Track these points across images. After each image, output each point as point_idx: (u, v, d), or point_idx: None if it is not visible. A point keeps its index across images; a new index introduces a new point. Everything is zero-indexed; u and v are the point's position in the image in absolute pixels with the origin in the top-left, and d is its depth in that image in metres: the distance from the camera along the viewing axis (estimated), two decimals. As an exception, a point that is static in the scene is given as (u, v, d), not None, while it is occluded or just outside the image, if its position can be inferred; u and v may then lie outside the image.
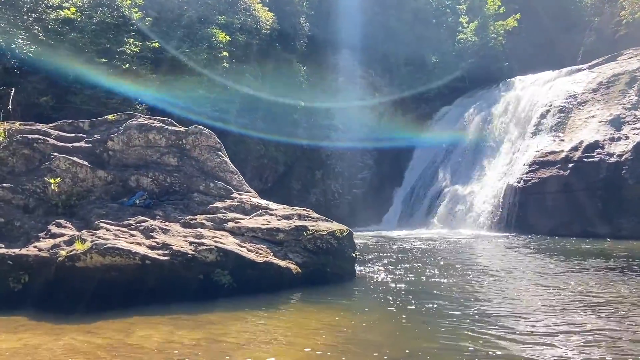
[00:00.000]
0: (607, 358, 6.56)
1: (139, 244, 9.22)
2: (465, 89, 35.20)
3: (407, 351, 6.67)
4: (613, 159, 22.37)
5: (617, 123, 24.04)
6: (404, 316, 8.67)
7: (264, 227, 11.71)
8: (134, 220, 10.46)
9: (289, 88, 29.08)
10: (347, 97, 34.04)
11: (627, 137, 23.01)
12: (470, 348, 6.81)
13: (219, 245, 9.86)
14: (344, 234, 12.33)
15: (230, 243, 10.30)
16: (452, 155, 31.01)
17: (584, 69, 29.42)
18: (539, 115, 27.34)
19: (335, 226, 12.59)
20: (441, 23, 38.30)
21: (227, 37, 24.61)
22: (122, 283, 8.62)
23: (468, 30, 37.72)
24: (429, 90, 35.19)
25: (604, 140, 23.31)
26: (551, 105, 27.30)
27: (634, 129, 23.27)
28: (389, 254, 16.37)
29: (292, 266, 11.14)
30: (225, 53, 24.23)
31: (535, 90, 29.63)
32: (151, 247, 9.25)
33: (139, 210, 11.28)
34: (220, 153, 13.83)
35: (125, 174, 12.43)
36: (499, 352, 6.63)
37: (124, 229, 9.85)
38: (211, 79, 23.59)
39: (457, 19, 39.01)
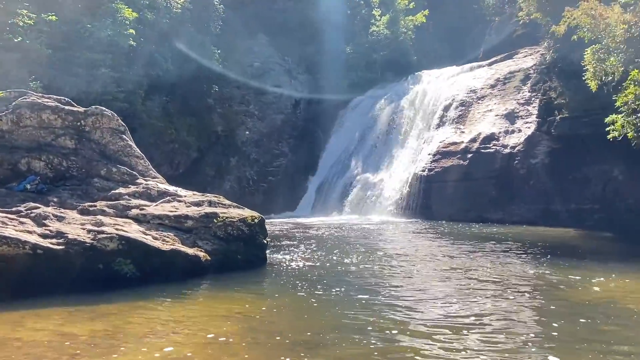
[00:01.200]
0: (502, 336, 7.12)
1: (29, 232, 8.57)
2: (377, 80, 36.22)
3: (308, 334, 6.81)
4: (507, 150, 24.18)
5: (511, 117, 25.99)
6: (313, 301, 8.84)
7: (171, 214, 11.36)
8: (24, 207, 9.71)
9: (202, 71, 28.25)
10: (263, 83, 33.74)
11: (519, 131, 24.95)
12: (371, 329, 7.10)
13: (121, 233, 9.43)
14: (256, 220, 12.29)
15: (133, 231, 9.88)
16: (364, 144, 31.89)
17: (483, 66, 31.42)
18: (443, 108, 28.86)
19: (246, 213, 12.50)
20: (355, 14, 39.02)
21: (135, 14, 23.36)
22: (11, 274, 7.99)
23: (380, 23, 38.79)
24: (343, 80, 35.79)
25: (500, 132, 25.13)
26: (454, 99, 28.91)
27: (526, 123, 25.27)
28: (301, 240, 16.58)
29: (201, 254, 10.93)
30: (131, 31, 22.99)
31: (440, 85, 31.21)
32: (44, 236, 8.64)
33: (30, 196, 10.47)
34: (124, 136, 13.16)
35: (15, 156, 11.47)
36: (402, 334, 6.97)
37: (12, 216, 9.11)
38: (116, 58, 22.30)
39: (371, 11, 39.93)
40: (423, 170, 25.42)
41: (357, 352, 6.13)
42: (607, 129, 14.73)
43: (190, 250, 10.69)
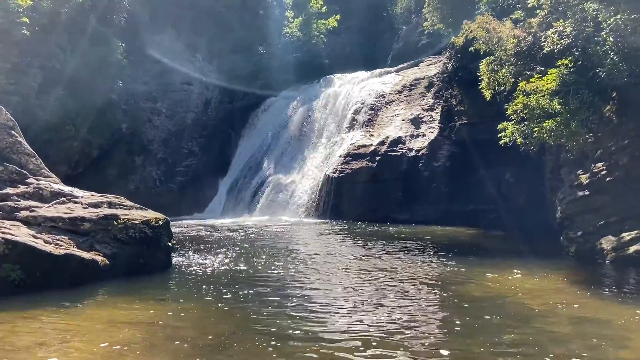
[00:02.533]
0: (408, 332, 7.41)
1: None
2: (290, 81, 36.38)
3: (210, 337, 6.69)
4: (412, 154, 25.34)
5: (416, 122, 27.26)
6: (221, 305, 8.68)
7: (66, 216, 10.65)
8: None
9: (104, 65, 26.72)
10: (172, 80, 32.59)
11: (424, 135, 26.24)
12: (277, 333, 7.10)
13: (8, 237, 8.68)
14: (160, 222, 11.85)
15: (22, 234, 9.14)
16: (276, 145, 31.86)
17: (391, 72, 32.68)
18: (354, 112, 29.64)
19: (150, 215, 12.03)
20: (269, 15, 38.91)
21: (29, 1, 21.61)
22: None
23: (293, 25, 39.03)
24: (256, 80, 35.53)
25: (406, 136, 26.27)
26: (364, 103, 29.79)
27: (429, 128, 26.62)
28: (209, 243, 16.22)
29: (99, 258, 10.36)
30: (25, 19, 21.24)
31: (351, 88, 32.00)
32: None
33: None
34: (13, 132, 12.12)
35: None
36: (308, 338, 7.03)
37: None
38: (7, 47, 20.48)
39: (284, 12, 40.05)
40: (334, 172, 25.91)
41: (259, 356, 6.10)
42: (500, 135, 15.92)
43: (87, 255, 10.08)
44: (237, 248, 15.15)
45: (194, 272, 11.51)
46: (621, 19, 11.75)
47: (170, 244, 12.09)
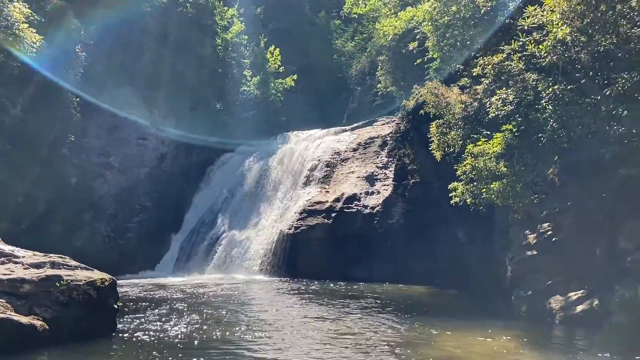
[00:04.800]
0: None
1: None
2: (247, 137, 36.63)
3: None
4: (367, 210, 25.65)
5: (371, 179, 27.81)
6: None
7: (4, 277, 10.06)
8: None
9: (55, 119, 26.12)
10: (127, 135, 32.15)
11: (378, 192, 26.72)
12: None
13: (-64, 302, 8.06)
14: (106, 283, 11.35)
15: (-47, 299, 8.52)
16: (231, 201, 31.58)
17: (347, 130, 33.56)
18: (310, 168, 29.99)
19: (96, 275, 11.52)
20: (227, 73, 39.58)
21: (-21, 53, 21.18)
22: None
23: (251, 83, 39.82)
24: (212, 135, 35.59)
25: (361, 193, 26.66)
26: (320, 160, 30.25)
27: (384, 185, 27.17)
28: (158, 304, 15.56)
29: (38, 322, 9.76)
30: (-26, 71, 20.72)
31: (307, 145, 32.53)
32: None
33: None
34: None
35: None
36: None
37: None
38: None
39: (242, 71, 40.86)
40: (289, 228, 25.78)
41: None
42: (451, 194, 16.44)
43: (25, 319, 9.48)
44: (187, 310, 14.58)
45: (140, 338, 10.96)
46: (558, 89, 12.63)
47: (115, 307, 11.54)
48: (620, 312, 12.09)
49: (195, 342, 10.76)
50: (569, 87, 12.35)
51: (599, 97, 11.67)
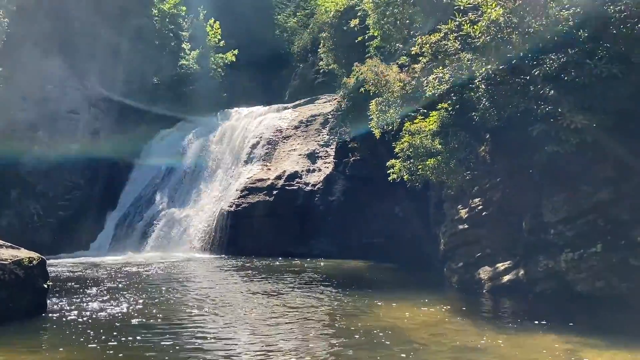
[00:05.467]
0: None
1: None
2: (186, 113, 35.63)
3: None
4: (309, 188, 25.81)
5: (312, 157, 27.94)
6: (108, 352, 8.05)
7: None
8: None
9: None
10: (57, 107, 30.43)
11: (319, 170, 26.92)
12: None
13: None
14: (34, 262, 10.87)
15: None
16: (170, 178, 30.78)
17: (289, 108, 33.38)
18: (251, 145, 29.69)
19: (23, 254, 10.99)
20: (164, 46, 38.07)
21: None
22: None
23: (190, 57, 38.55)
24: (149, 111, 34.33)
25: (302, 171, 26.76)
26: (261, 137, 29.99)
27: (325, 163, 27.39)
28: (92, 284, 15.06)
29: (-41, 305, 9.21)
30: None
31: (249, 122, 32.11)
32: None
33: None
34: None
35: None
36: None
37: None
38: None
39: (180, 44, 39.46)
40: (230, 206, 25.54)
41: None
42: (389, 171, 16.84)
43: (-56, 302, 8.92)
44: (124, 288, 14.22)
45: (72, 318, 10.60)
46: (491, 69, 13.10)
47: (45, 286, 11.08)
48: (544, 281, 12.97)
49: (133, 320, 10.53)
50: (500, 67, 12.82)
51: (528, 77, 12.21)
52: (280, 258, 22.70)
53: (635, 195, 11.55)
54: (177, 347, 8.50)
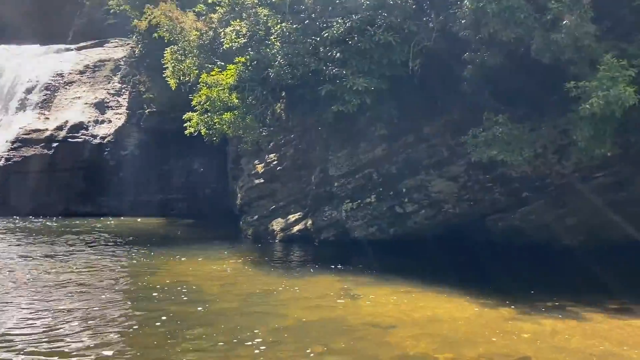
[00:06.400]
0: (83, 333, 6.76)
1: None
2: None
3: None
4: (97, 141, 23.47)
5: (101, 107, 25.35)
6: None
7: None
8: None
9: None
10: None
11: (110, 121, 24.64)
12: None
13: None
14: None
15: None
16: None
17: (72, 50, 29.44)
18: (25, 91, 25.55)
19: None
20: None
21: None
22: None
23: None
24: None
25: (89, 121, 24.14)
26: (38, 82, 26.00)
27: (116, 114, 25.15)
28: None
29: None
30: None
31: (21, 63, 27.50)
32: None
33: None
34: None
35: None
36: None
37: None
38: None
39: None
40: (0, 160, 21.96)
41: None
42: (185, 124, 16.22)
43: None
44: None
45: None
46: (286, 27, 13.38)
47: None
48: (327, 229, 14.24)
49: None
50: (294, 25, 13.18)
51: (318, 39, 12.80)
52: (62, 218, 20.54)
53: (402, 151, 13.27)
54: None
